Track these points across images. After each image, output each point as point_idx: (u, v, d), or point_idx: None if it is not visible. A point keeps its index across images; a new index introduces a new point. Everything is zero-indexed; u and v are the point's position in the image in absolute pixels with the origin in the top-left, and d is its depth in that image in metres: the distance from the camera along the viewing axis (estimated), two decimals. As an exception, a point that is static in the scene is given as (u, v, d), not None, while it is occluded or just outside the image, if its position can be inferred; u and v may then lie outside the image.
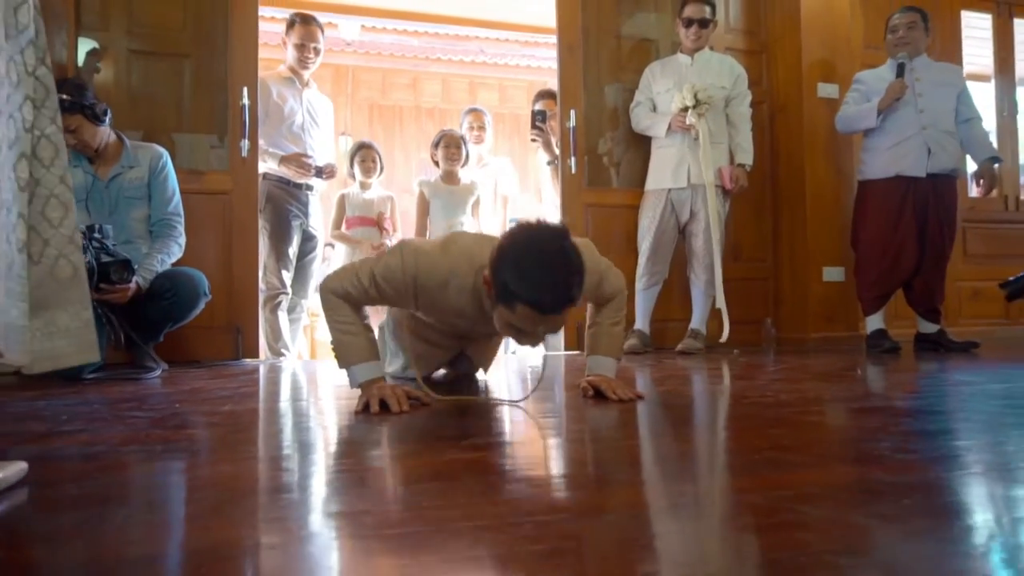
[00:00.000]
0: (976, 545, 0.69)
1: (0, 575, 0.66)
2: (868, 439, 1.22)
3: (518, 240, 1.46)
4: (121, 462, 1.13)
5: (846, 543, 0.69)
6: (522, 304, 1.41)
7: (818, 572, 0.61)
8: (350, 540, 0.74)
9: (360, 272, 1.67)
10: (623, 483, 1.00)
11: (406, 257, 1.64)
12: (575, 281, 1.44)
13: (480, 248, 1.64)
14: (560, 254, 1.43)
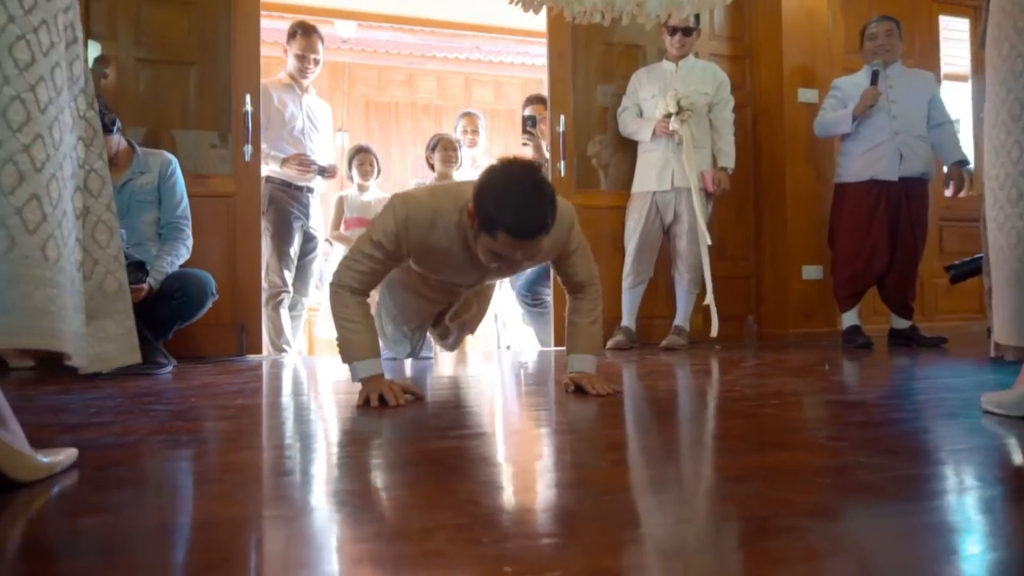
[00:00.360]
0: (864, 517, 0.85)
1: (64, 538, 0.82)
2: (809, 429, 1.38)
3: (497, 174, 1.64)
4: (152, 450, 1.29)
5: (760, 513, 0.85)
6: (502, 231, 1.58)
7: (724, 529, 0.77)
8: (351, 511, 0.90)
9: (360, 246, 1.84)
10: (589, 466, 1.17)
11: (396, 204, 1.81)
12: (548, 210, 1.61)
13: (463, 188, 1.81)
14: (534, 185, 1.61)
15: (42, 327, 0.90)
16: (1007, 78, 1.40)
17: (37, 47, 0.92)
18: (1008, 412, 1.47)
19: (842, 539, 0.77)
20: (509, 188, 1.59)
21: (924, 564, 0.70)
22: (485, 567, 0.68)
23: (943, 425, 1.43)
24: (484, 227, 1.62)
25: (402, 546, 0.75)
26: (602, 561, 0.71)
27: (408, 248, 1.83)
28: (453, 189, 1.86)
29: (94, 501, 0.98)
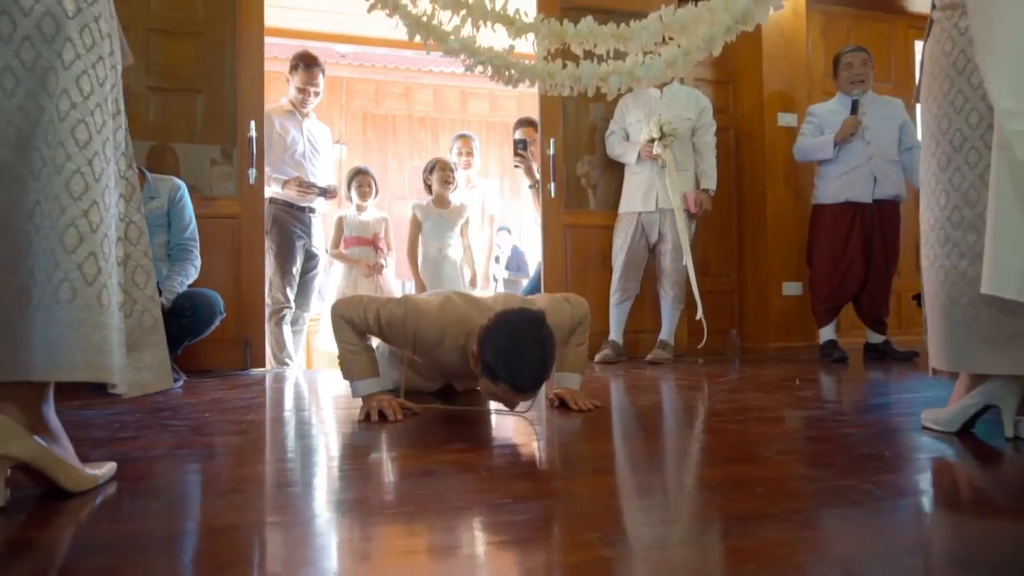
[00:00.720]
0: (782, 522, 1.02)
1: (107, 541, 0.99)
2: (762, 443, 1.55)
3: (501, 328, 1.73)
4: (177, 463, 1.45)
5: (701, 516, 1.02)
6: (502, 383, 1.70)
7: (669, 530, 0.94)
8: (354, 516, 1.07)
9: (368, 309, 1.97)
10: (567, 475, 1.34)
11: (408, 314, 1.93)
12: (547, 366, 1.73)
13: (471, 312, 1.94)
14: (537, 344, 1.71)
15: (99, 363, 1.07)
16: (936, 133, 1.57)
17: (93, 127, 1.09)
18: (943, 428, 1.64)
19: (769, 542, 0.93)
20: (511, 346, 1.69)
21: (826, 562, 0.86)
22: (475, 561, 0.85)
23: (884, 440, 1.60)
24: (486, 374, 1.73)
25: (401, 543, 0.92)
26: (576, 554, 0.88)
27: (413, 349, 1.99)
28: (463, 313, 1.94)
29: (131, 509, 1.15)
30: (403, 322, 1.92)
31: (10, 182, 1.04)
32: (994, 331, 1.48)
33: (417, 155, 10.64)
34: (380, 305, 1.97)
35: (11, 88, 1.04)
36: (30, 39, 1.04)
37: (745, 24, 1.66)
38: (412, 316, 1.93)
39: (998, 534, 0.98)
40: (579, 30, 1.61)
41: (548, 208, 3.98)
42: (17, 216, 1.04)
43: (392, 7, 1.51)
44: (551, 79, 1.64)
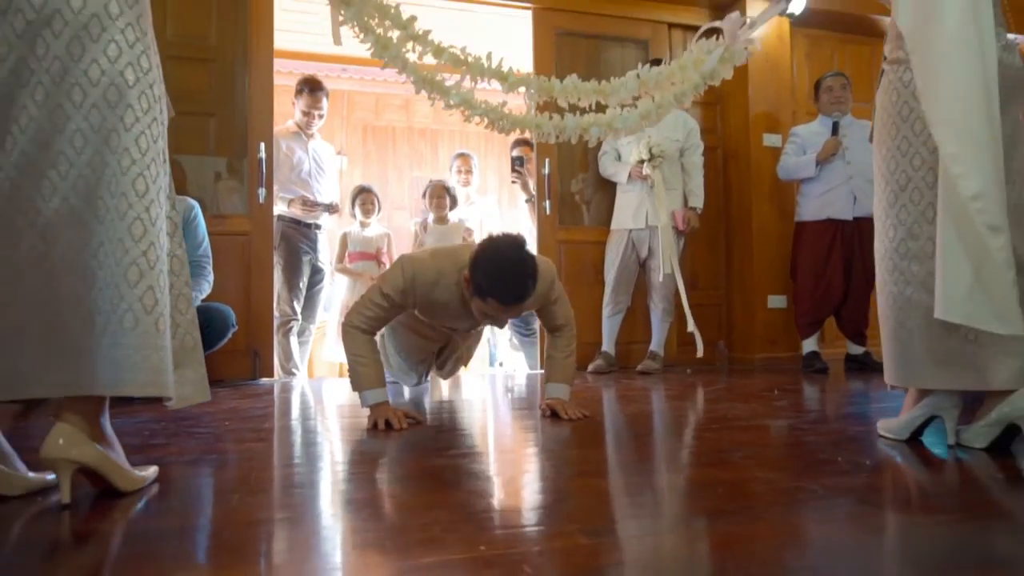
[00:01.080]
0: (737, 518, 1.20)
1: (156, 531, 1.16)
2: (731, 449, 1.73)
3: (487, 250, 2.01)
4: (210, 467, 1.63)
5: (668, 513, 1.20)
6: (491, 297, 1.96)
7: (634, 522, 1.12)
8: (361, 513, 1.25)
9: (371, 295, 2.21)
10: (555, 477, 1.52)
11: (404, 264, 2.19)
12: (530, 282, 1.99)
13: (461, 252, 2.19)
14: (518, 261, 1.98)
15: (158, 380, 1.25)
16: (885, 174, 1.76)
17: (150, 178, 1.28)
18: (894, 436, 1.83)
19: (717, 532, 1.12)
20: (496, 263, 1.96)
21: (785, 546, 1.04)
22: (472, 551, 1.03)
23: (840, 447, 1.78)
24: (477, 293, 1.99)
25: (400, 536, 1.10)
26: (572, 539, 1.06)
27: (414, 300, 2.20)
28: (452, 252, 2.22)
29: (172, 505, 1.33)
30: (401, 276, 2.15)
31: (79, 226, 1.22)
32: (936, 351, 1.66)
33: (417, 166, 10.82)
34: (379, 282, 2.20)
35: (81, 147, 1.22)
36: (97, 106, 1.23)
37: (712, 80, 1.86)
38: (408, 265, 2.17)
39: (935, 530, 1.16)
40: (565, 86, 1.81)
41: (543, 224, 4.17)
42: (84, 254, 1.22)
43: (402, 66, 1.70)
44: (539, 129, 1.83)
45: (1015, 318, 1.44)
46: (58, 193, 1.21)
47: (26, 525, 1.21)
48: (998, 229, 1.40)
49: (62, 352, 1.21)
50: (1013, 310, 1.43)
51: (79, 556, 1.08)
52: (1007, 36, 1.66)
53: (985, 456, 1.64)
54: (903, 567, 1.00)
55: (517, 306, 2.01)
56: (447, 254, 2.23)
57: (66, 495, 1.25)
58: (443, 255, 2.23)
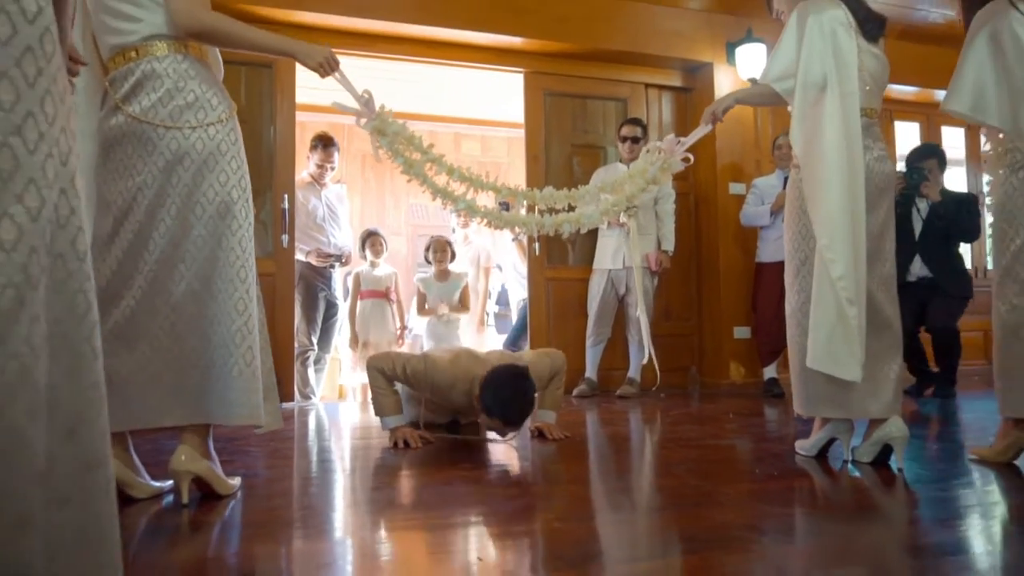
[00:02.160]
0: (669, 514, 1.70)
1: (247, 522, 1.65)
2: (675, 464, 2.23)
3: (495, 380, 2.42)
4: (277, 477, 2.12)
5: (615, 510, 1.70)
6: (495, 419, 2.40)
7: (593, 523, 1.62)
8: (385, 514, 1.74)
9: (396, 361, 2.66)
10: (543, 484, 2.01)
11: (428, 367, 2.62)
12: (528, 409, 2.45)
13: (473, 366, 2.61)
14: (521, 392, 2.41)
15: (255, 413, 1.75)
16: (791, 250, 2.27)
17: (249, 268, 1.78)
18: (806, 453, 2.33)
19: (652, 521, 1.61)
20: (500, 396, 2.38)
21: (699, 528, 1.54)
22: (480, 526, 1.52)
23: (764, 461, 2.28)
24: (484, 411, 2.43)
25: (419, 525, 1.58)
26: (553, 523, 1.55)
27: (431, 393, 2.67)
28: (468, 366, 2.61)
29: (257, 505, 1.82)
30: (424, 373, 2.60)
31: (200, 303, 1.72)
32: (827, 389, 2.17)
33: (413, 193, 11.30)
34: (405, 360, 2.65)
35: (201, 246, 1.72)
36: (212, 217, 1.73)
37: (656, 183, 2.39)
38: (430, 369, 2.61)
39: (823, 523, 1.66)
40: (543, 195, 2.35)
41: (533, 264, 4.69)
42: (203, 323, 1.72)
43: (423, 180, 2.23)
44: (526, 225, 2.35)
45: (856, 369, 1.96)
46: (184, 280, 1.71)
47: (155, 518, 1.69)
48: (853, 303, 1.92)
49: (187, 392, 1.70)
50: (855, 363, 1.95)
51: (194, 540, 1.56)
52: (881, 148, 2.18)
53: (870, 468, 2.15)
54: (789, 548, 1.50)
55: (517, 426, 2.47)
56: (464, 365, 2.62)
57: (185, 497, 1.73)
58: (461, 365, 2.62)
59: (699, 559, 1.33)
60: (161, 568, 1.35)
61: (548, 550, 1.41)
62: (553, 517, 1.62)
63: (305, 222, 4.42)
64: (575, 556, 1.38)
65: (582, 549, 1.43)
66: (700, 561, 1.32)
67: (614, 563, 1.34)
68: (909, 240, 4.26)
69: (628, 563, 1.34)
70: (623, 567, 1.31)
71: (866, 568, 1.33)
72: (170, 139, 1.70)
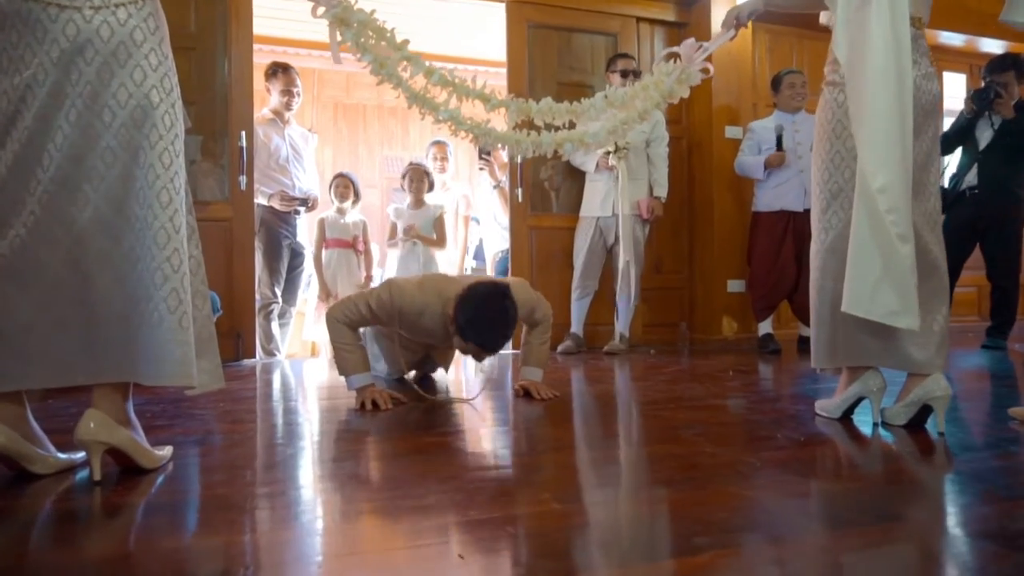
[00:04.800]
0: (690, 485, 1.42)
1: (175, 503, 1.34)
2: (683, 427, 1.95)
3: (473, 298, 2.15)
4: (217, 445, 1.80)
5: (630, 484, 1.41)
6: (472, 342, 2.11)
7: (613, 489, 1.33)
8: (347, 493, 1.44)
9: (358, 303, 2.35)
10: (529, 452, 1.72)
11: (393, 294, 2.32)
12: (509, 331, 2.16)
13: (447, 287, 2.33)
14: (502, 312, 2.13)
15: (183, 372, 1.41)
16: (820, 183, 1.97)
17: (173, 191, 1.42)
18: (829, 415, 2.07)
19: (671, 499, 1.33)
20: (479, 314, 2.12)
21: (724, 509, 1.26)
22: (463, 516, 1.22)
23: (781, 425, 2.02)
24: (459, 334, 2.15)
25: (392, 506, 1.29)
26: (546, 505, 1.26)
27: (399, 324, 2.37)
28: (439, 286, 2.34)
29: (188, 481, 1.50)
30: (389, 302, 2.30)
31: (112, 234, 1.37)
32: (857, 337, 1.90)
33: (388, 145, 10.85)
34: (368, 296, 2.35)
35: (111, 162, 1.37)
36: (125, 126, 1.37)
37: (671, 99, 2.05)
38: (396, 295, 2.31)
39: (852, 494, 1.39)
40: (540, 107, 1.98)
41: (515, 212, 4.35)
42: (116, 259, 1.38)
43: (397, 82, 1.86)
44: (519, 144, 2.00)
45: (913, 316, 1.67)
46: (91, 204, 1.36)
47: (62, 499, 1.37)
48: (906, 239, 1.63)
49: (98, 345, 1.37)
50: (912, 309, 1.67)
51: (110, 525, 1.24)
52: (928, 64, 1.87)
53: (903, 432, 1.89)
54: (818, 524, 1.22)
55: (494, 352, 2.20)
56: (433, 287, 2.35)
57: (97, 473, 1.41)
58: (430, 287, 2.34)
59: (728, 555, 1.05)
60: (64, 566, 1.04)
61: (543, 541, 1.12)
62: (548, 496, 1.33)
63: (266, 162, 4.03)
64: (576, 548, 1.09)
65: (584, 539, 1.14)
66: (730, 557, 1.04)
67: (628, 558, 1.05)
68: (972, 150, 4.10)
69: (646, 561, 1.06)
70: (641, 567, 1.02)
71: (910, 551, 1.06)
72: (66, 22, 1.33)
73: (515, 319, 2.17)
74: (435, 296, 2.32)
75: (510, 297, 2.17)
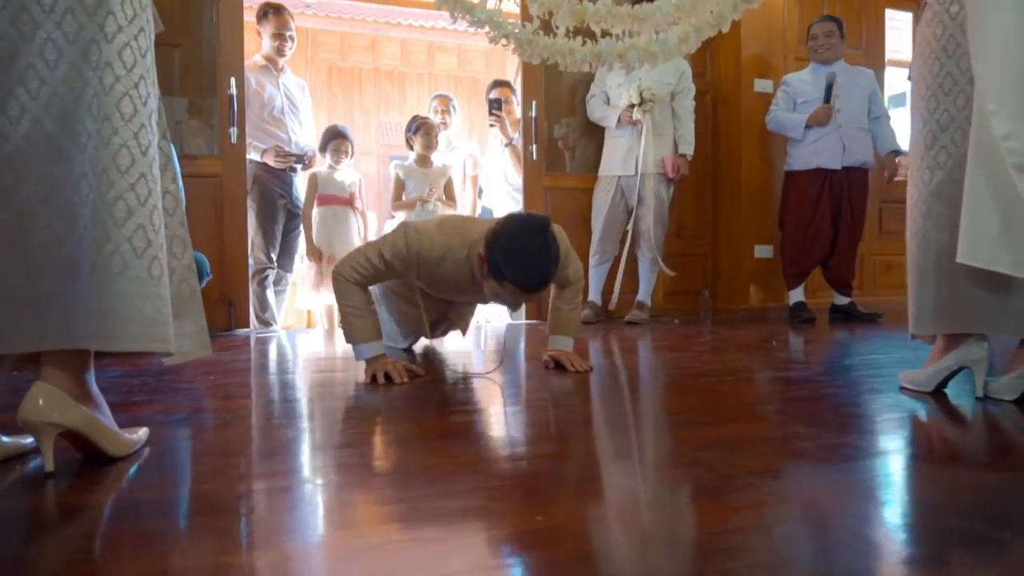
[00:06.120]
0: (800, 477, 1.12)
1: (151, 505, 1.04)
2: (757, 404, 1.66)
3: (510, 229, 1.81)
4: (205, 426, 1.50)
5: (720, 474, 1.11)
6: (509, 282, 1.78)
7: (702, 491, 1.03)
8: (353, 493, 1.14)
9: (368, 253, 2.03)
10: (571, 438, 1.42)
11: (409, 237, 2.00)
12: (553, 269, 1.81)
13: (470, 226, 2.02)
14: (543, 246, 1.79)
15: (154, 333, 1.10)
16: (924, 113, 1.66)
17: (138, 99, 1.10)
18: (919, 388, 1.78)
19: (783, 493, 1.03)
20: (519, 246, 1.76)
21: (848, 511, 0.97)
22: (473, 502, 0.93)
23: (867, 400, 1.73)
24: (493, 274, 1.81)
25: (399, 503, 0.99)
26: (581, 511, 0.96)
27: (417, 273, 2.04)
28: (461, 226, 2.03)
29: (167, 472, 1.20)
30: (406, 247, 1.98)
31: (57, 155, 1.05)
32: (968, 297, 1.60)
33: (384, 110, 10.47)
34: (379, 244, 2.03)
35: (54, 60, 1.04)
36: (72, 11, 1.04)
37: (750, 2, 1.73)
38: (413, 238, 1.99)
39: (970, 484, 1.10)
40: (597, 10, 1.65)
41: (529, 170, 4.02)
42: (64, 188, 1.06)
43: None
44: (572, 55, 1.68)
45: None
46: (28, 115, 1.04)
47: (3, 497, 1.07)
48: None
49: (40, 301, 1.05)
50: None
51: (66, 533, 0.94)
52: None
53: (1014, 408, 1.60)
54: (957, 518, 0.93)
55: (536, 295, 1.85)
56: (455, 227, 2.03)
57: (49, 463, 1.11)
58: (451, 228, 2.03)
59: None
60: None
61: (601, 564, 0.83)
62: (623, 497, 1.03)
63: (259, 114, 3.68)
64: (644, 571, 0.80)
65: (654, 560, 0.85)
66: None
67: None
68: None
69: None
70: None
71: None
72: None
73: (558, 258, 1.83)
74: (458, 238, 2.01)
75: (552, 231, 1.84)
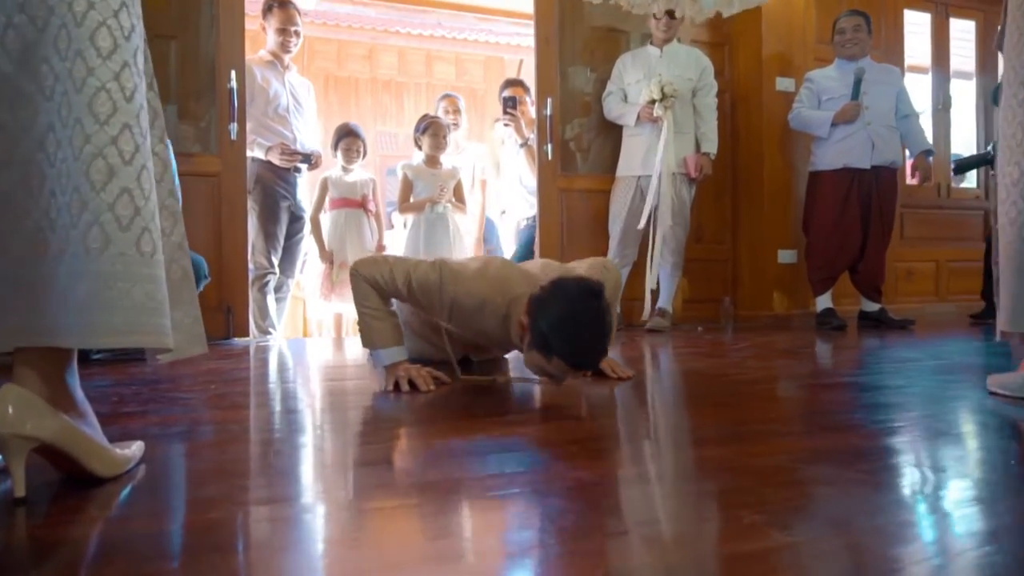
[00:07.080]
0: (908, 496, 0.92)
1: (145, 539, 0.83)
2: (831, 412, 1.46)
3: (559, 298, 1.56)
4: (213, 441, 1.28)
5: (811, 493, 0.91)
6: (558, 357, 1.54)
7: (806, 508, 0.83)
8: (374, 527, 0.93)
9: (395, 270, 1.81)
10: (617, 457, 1.21)
11: (445, 280, 1.77)
12: (606, 343, 1.60)
13: (512, 277, 1.79)
14: (596, 319, 1.55)
15: (146, 324, 0.88)
16: (1018, 83, 1.48)
17: (119, 31, 0.89)
18: (1011, 393, 1.58)
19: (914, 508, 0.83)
20: (570, 319, 1.53)
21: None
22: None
23: (951, 408, 1.53)
24: (538, 347, 1.57)
25: (432, 545, 0.78)
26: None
27: (449, 318, 1.83)
28: (504, 280, 1.79)
29: (165, 500, 0.99)
30: (439, 288, 1.76)
31: (15, 102, 0.84)
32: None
33: (381, 120, 10.32)
34: (410, 268, 1.81)
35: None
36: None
37: None
38: (449, 281, 1.77)
39: None
40: None
41: (544, 171, 3.83)
42: (25, 144, 0.85)
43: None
44: None
45: None
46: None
47: (-37, 528, 0.85)
48: None
49: (3, 287, 0.84)
50: None
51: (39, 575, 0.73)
52: None
53: None
54: None
55: (586, 371, 1.65)
56: (497, 277, 1.79)
57: (20, 486, 0.89)
58: (492, 280, 1.78)
59: None
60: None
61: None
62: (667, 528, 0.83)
63: (263, 110, 3.48)
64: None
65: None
66: None
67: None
68: None
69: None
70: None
71: None
72: None
73: (612, 330, 1.62)
74: (498, 293, 1.76)
75: (605, 299, 1.61)
